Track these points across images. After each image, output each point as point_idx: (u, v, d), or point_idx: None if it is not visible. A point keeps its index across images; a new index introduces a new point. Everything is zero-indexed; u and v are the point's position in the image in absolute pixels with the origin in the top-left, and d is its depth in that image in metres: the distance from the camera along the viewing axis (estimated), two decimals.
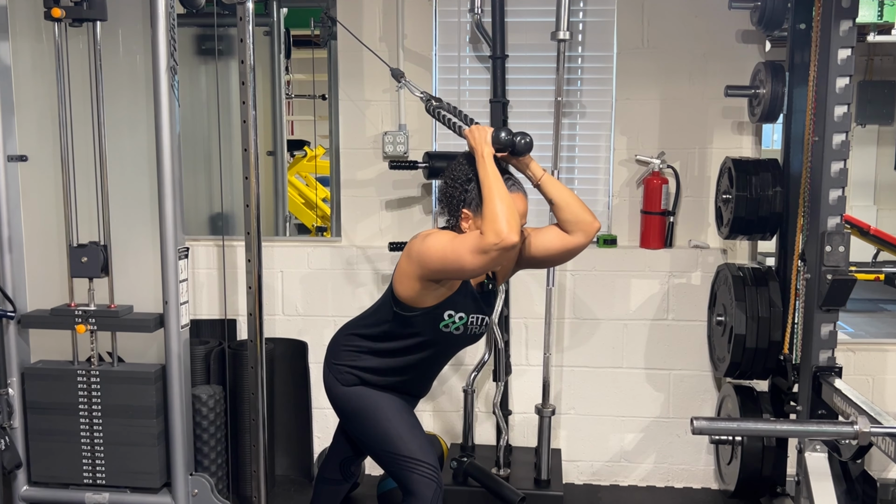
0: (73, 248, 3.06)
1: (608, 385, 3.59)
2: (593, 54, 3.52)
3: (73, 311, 3.05)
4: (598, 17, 3.49)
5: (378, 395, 2.50)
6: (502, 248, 2.15)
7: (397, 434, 2.44)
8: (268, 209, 4.41)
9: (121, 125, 3.20)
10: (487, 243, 2.15)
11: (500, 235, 2.13)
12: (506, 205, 2.19)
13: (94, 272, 3.06)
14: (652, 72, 3.47)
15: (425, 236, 2.34)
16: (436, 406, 3.66)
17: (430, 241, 2.30)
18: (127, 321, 3.07)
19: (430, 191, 3.58)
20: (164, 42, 2.89)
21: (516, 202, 2.30)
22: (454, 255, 2.22)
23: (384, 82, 3.52)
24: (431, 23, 3.51)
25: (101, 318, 3.06)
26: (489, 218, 2.17)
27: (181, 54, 4.11)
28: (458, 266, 2.23)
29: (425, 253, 2.28)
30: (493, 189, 2.21)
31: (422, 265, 2.29)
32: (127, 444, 3.08)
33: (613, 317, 3.55)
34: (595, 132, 3.56)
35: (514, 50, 3.49)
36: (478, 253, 2.17)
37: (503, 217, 2.16)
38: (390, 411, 2.48)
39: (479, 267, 2.21)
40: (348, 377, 2.51)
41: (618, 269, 3.53)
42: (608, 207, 3.58)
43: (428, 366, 2.54)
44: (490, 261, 2.19)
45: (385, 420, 2.46)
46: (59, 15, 2.90)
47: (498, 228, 2.14)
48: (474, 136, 2.34)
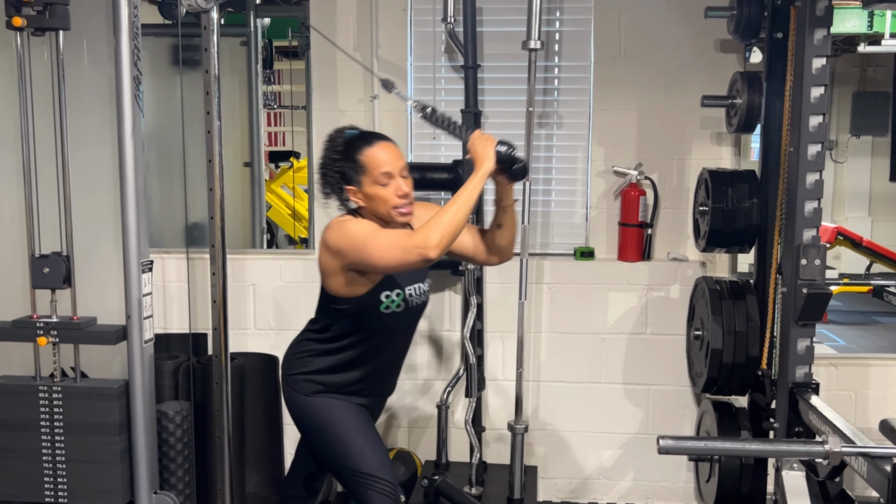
0: (35, 259, 3.00)
1: (586, 400, 3.52)
2: (570, 64, 3.47)
3: (35, 322, 2.99)
4: (575, 26, 3.44)
5: (338, 408, 2.41)
6: (421, 255, 2.12)
7: (357, 450, 2.37)
8: (245, 221, 4.36)
9: (86, 135, 3.15)
10: (414, 242, 2.12)
11: (429, 244, 2.10)
12: (457, 226, 2.15)
13: (56, 283, 2.99)
14: (629, 81, 3.42)
15: (340, 224, 2.29)
16: (411, 422, 3.59)
17: (346, 231, 2.25)
18: (89, 333, 3.00)
19: None
20: (126, 51, 2.83)
21: None
22: (368, 247, 2.19)
23: (358, 92, 3.47)
24: (406, 32, 3.46)
25: (63, 329, 2.99)
26: (435, 224, 2.13)
27: (156, 64, 4.08)
28: (369, 260, 2.20)
29: (341, 244, 2.24)
30: (463, 207, 2.17)
31: (340, 256, 2.25)
32: (89, 462, 3.01)
33: (591, 331, 3.48)
34: (572, 143, 3.51)
35: (490, 59, 3.44)
36: (398, 249, 2.14)
37: (446, 233, 2.12)
38: (350, 425, 2.40)
39: (393, 264, 2.18)
40: (306, 385, 2.43)
41: (595, 281, 3.46)
42: (585, 219, 3.52)
43: (383, 354, 2.44)
44: (405, 262, 2.15)
45: (344, 434, 2.39)
46: (21, 24, 2.85)
47: (433, 237, 2.11)
48: (477, 146, 2.25)
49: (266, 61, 4.78)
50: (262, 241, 4.42)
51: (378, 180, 2.28)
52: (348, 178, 2.31)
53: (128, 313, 2.93)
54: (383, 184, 2.28)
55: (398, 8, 3.44)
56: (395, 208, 2.29)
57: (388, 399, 3.49)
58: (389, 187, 2.28)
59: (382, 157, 2.29)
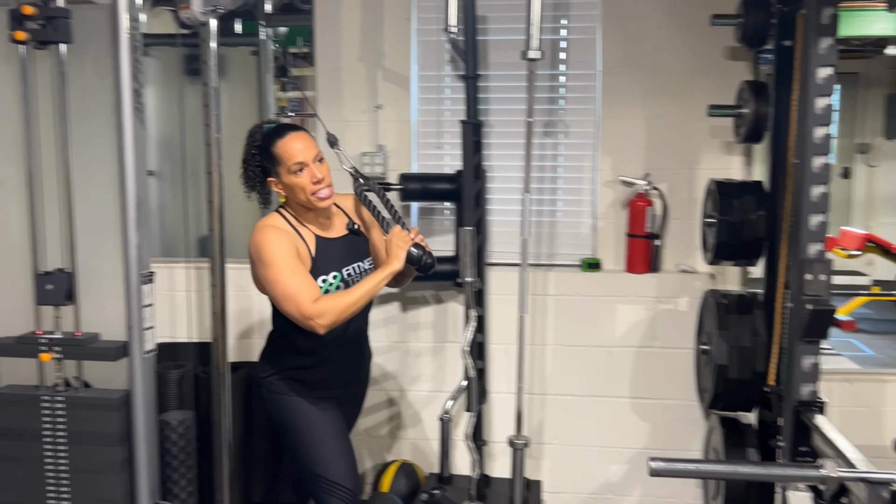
0: (39, 276, 3.04)
1: (592, 414, 3.46)
2: (577, 72, 3.41)
3: (38, 339, 3.02)
4: (581, 34, 3.39)
5: (309, 411, 2.49)
6: (311, 328, 2.31)
7: (321, 454, 2.46)
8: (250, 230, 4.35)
9: (90, 148, 3.17)
10: (311, 312, 2.29)
11: (321, 322, 2.29)
12: (353, 313, 2.35)
13: (59, 300, 3.03)
14: (637, 90, 3.35)
15: (258, 237, 2.42)
16: (416, 433, 3.56)
17: (263, 252, 2.38)
18: (91, 350, 3.03)
19: (408, 212, 3.49)
20: (126, 64, 2.83)
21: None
22: (274, 284, 2.35)
23: (362, 103, 3.46)
24: (410, 42, 3.43)
25: (66, 346, 3.02)
26: (334, 307, 2.31)
27: (170, 74, 4.11)
28: (269, 291, 2.39)
29: (254, 256, 2.42)
30: (362, 298, 2.36)
31: (254, 268, 2.44)
32: (92, 472, 3.04)
33: (597, 343, 3.43)
34: (579, 152, 3.45)
35: (495, 69, 3.41)
36: (295, 309, 2.31)
37: (341, 316, 2.32)
38: (319, 429, 2.48)
39: (286, 313, 2.36)
40: (278, 384, 2.52)
41: (602, 293, 3.40)
42: (593, 230, 3.46)
43: (341, 337, 2.49)
44: (295, 320, 2.34)
45: (311, 437, 2.48)
46: (24, 37, 2.88)
47: (327, 318, 2.29)
48: (391, 245, 2.42)
49: (282, 69, 4.79)
50: None
51: (292, 170, 2.40)
52: (267, 171, 2.47)
53: (129, 324, 2.95)
54: (297, 172, 2.40)
55: (402, 17, 3.42)
56: (313, 194, 2.41)
57: (392, 410, 3.51)
58: (304, 175, 2.40)
59: (294, 147, 2.41)
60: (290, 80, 5.10)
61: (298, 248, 2.42)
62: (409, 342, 3.52)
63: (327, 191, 2.43)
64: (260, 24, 4.23)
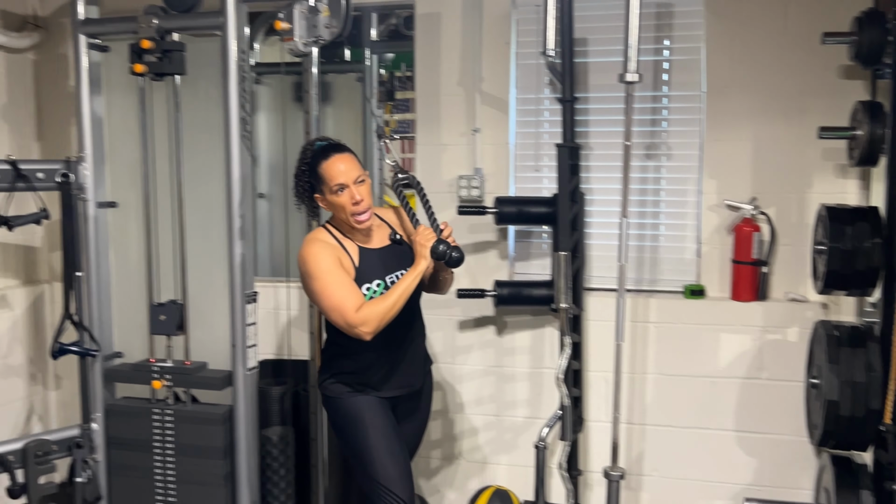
0: (154, 307, 3.21)
1: (695, 447, 3.33)
2: (680, 94, 3.33)
3: (151, 366, 3.20)
4: (685, 54, 3.30)
5: (366, 409, 2.60)
6: (357, 335, 2.47)
7: (377, 457, 2.55)
8: None
9: (201, 174, 3.31)
10: (356, 320, 2.45)
11: (366, 329, 2.45)
12: (393, 315, 2.49)
13: (171, 330, 3.19)
14: (744, 111, 3.23)
15: (306, 250, 2.58)
16: (511, 459, 3.53)
17: (309, 265, 2.54)
18: (198, 379, 3.17)
19: (506, 235, 3.49)
20: (234, 94, 2.98)
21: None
22: (320, 295, 2.52)
23: (461, 126, 3.48)
24: (509, 65, 3.44)
25: (176, 374, 3.18)
26: (376, 312, 2.47)
27: (281, 101, 4.27)
28: (316, 302, 2.56)
29: (301, 268, 2.57)
30: (400, 295, 2.51)
31: (302, 281, 2.60)
32: (197, 483, 3.17)
33: (701, 373, 3.30)
34: (682, 175, 3.36)
35: (595, 90, 3.37)
36: (341, 318, 2.47)
37: (384, 319, 2.47)
38: (374, 430, 2.58)
39: (332, 322, 2.53)
40: (332, 387, 2.66)
41: (705, 322, 3.28)
42: (697, 255, 3.35)
43: (392, 342, 2.61)
44: (343, 329, 2.49)
45: (367, 439, 2.58)
46: (142, 70, 3.07)
47: (371, 323, 2.45)
48: (416, 244, 2.58)
49: (389, 93, 4.90)
50: None
51: (333, 190, 2.56)
52: (314, 188, 2.63)
53: (232, 342, 3.07)
54: (338, 192, 2.56)
55: (501, 42, 3.42)
56: (352, 215, 2.57)
57: (488, 434, 3.49)
58: (344, 195, 2.56)
59: (337, 168, 2.57)
60: (393, 103, 5.21)
61: (342, 259, 2.57)
62: (505, 367, 3.50)
63: (366, 215, 2.58)
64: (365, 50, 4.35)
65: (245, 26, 3.00)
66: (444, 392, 3.56)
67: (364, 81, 4.33)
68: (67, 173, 3.10)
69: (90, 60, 3.17)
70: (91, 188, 3.18)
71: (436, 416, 3.56)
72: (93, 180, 3.18)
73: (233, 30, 2.93)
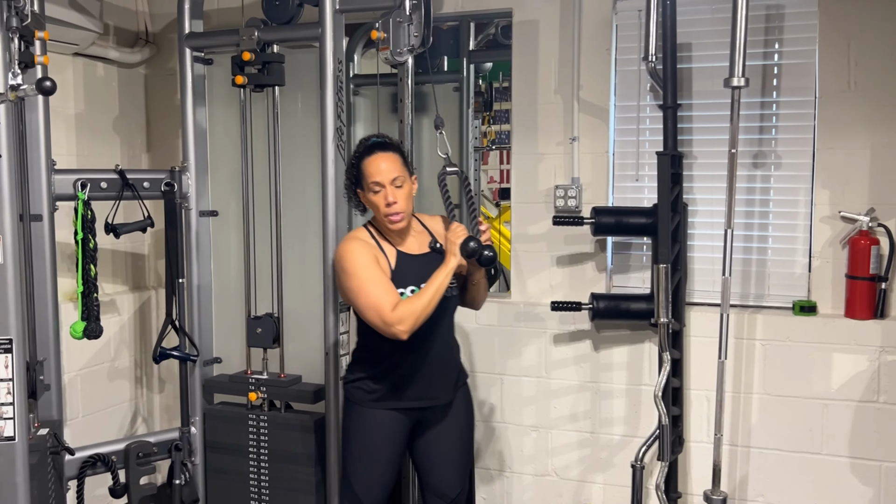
0: (251, 320, 3.27)
1: (804, 472, 3.14)
2: (791, 100, 3.16)
3: (248, 378, 3.26)
4: (797, 58, 3.13)
5: (372, 428, 2.64)
6: (393, 334, 2.45)
7: (363, 475, 2.64)
8: None
9: (299, 185, 3.36)
10: (392, 319, 2.44)
11: (402, 327, 2.43)
12: (429, 313, 2.47)
13: (267, 343, 3.24)
14: (860, 117, 3.04)
15: (344, 247, 2.59)
16: (607, 478, 3.41)
17: (345, 263, 2.54)
18: (292, 391, 3.21)
19: (604, 247, 3.39)
20: (330, 104, 3.01)
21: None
22: (356, 293, 2.51)
23: (558, 135, 3.41)
24: (609, 72, 3.35)
25: (271, 386, 3.23)
26: (412, 310, 2.45)
27: (378, 113, 4.29)
28: (352, 301, 2.55)
29: (336, 267, 2.61)
30: (434, 292, 2.48)
31: (338, 279, 2.63)
32: (289, 489, 3.20)
33: (811, 395, 3.11)
34: (793, 185, 3.18)
35: (698, 97, 3.24)
36: (378, 317, 2.46)
37: (420, 317, 2.45)
38: (366, 448, 2.64)
39: (368, 322, 2.51)
40: (353, 391, 2.69)
41: (817, 340, 3.09)
42: (807, 269, 3.16)
43: (419, 352, 2.60)
44: (378, 329, 2.48)
45: (355, 452, 2.66)
46: (242, 82, 3.13)
47: (407, 322, 2.44)
48: (448, 241, 2.55)
49: (487, 104, 4.86)
50: None
51: (370, 188, 2.57)
52: (357, 183, 2.64)
53: (325, 350, 3.09)
54: (375, 192, 2.57)
55: (601, 48, 3.34)
56: (385, 216, 2.56)
57: (583, 451, 3.39)
58: (380, 196, 2.56)
59: (375, 167, 2.56)
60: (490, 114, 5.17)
61: (379, 259, 2.57)
62: (601, 382, 3.39)
63: (398, 216, 2.56)
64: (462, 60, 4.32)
65: (342, 37, 3.02)
66: (537, 406, 3.48)
67: (461, 91, 4.31)
68: (172, 182, 3.19)
69: (194, 73, 3.27)
70: (193, 197, 3.26)
71: (528, 430, 3.49)
72: (195, 189, 3.27)
73: (329, 40, 2.96)
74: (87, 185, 2.95)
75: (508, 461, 3.54)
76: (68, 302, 3.27)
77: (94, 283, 2.96)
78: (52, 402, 2.89)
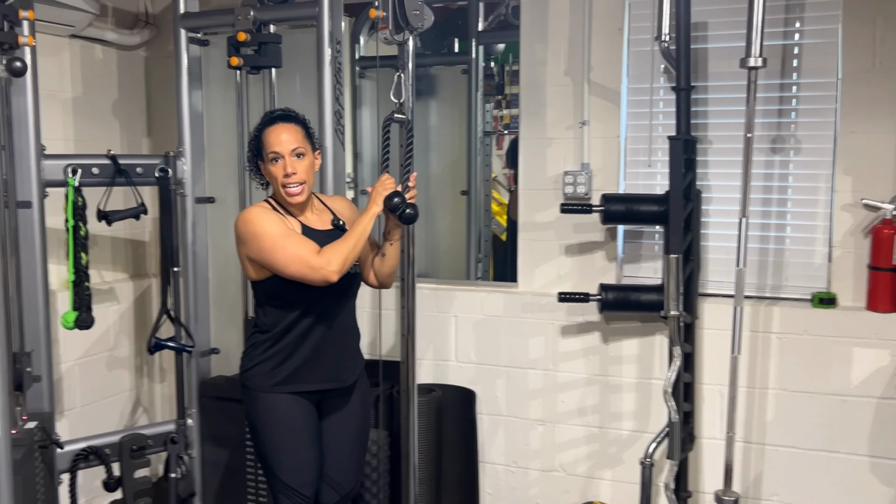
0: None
1: (821, 471, 3.01)
2: (811, 81, 3.00)
3: None
4: (819, 37, 2.97)
5: (282, 413, 2.51)
6: (324, 277, 2.35)
7: (287, 461, 2.50)
8: (460, 250, 4.31)
9: None
10: (319, 262, 2.35)
11: (331, 268, 2.35)
12: (355, 256, 2.42)
13: None
14: (885, 99, 2.88)
15: (249, 215, 2.47)
16: (616, 475, 3.30)
17: (255, 227, 2.43)
18: None
19: (614, 235, 3.26)
20: (328, 88, 2.90)
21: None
22: (276, 251, 2.39)
23: (567, 119, 3.28)
24: (621, 53, 3.20)
25: None
26: (337, 252, 2.38)
27: (378, 95, 4.18)
28: (272, 262, 2.40)
29: (245, 235, 2.45)
30: (358, 237, 2.44)
31: (243, 245, 2.47)
32: None
33: (829, 391, 2.98)
34: (812, 171, 3.03)
35: (714, 79, 3.10)
36: (304, 265, 2.36)
37: (346, 258, 2.39)
38: (288, 434, 2.51)
39: (297, 275, 2.38)
40: (256, 379, 2.53)
41: (836, 333, 2.96)
42: (827, 259, 3.02)
43: (320, 327, 2.52)
44: (307, 278, 2.37)
45: (275, 435, 2.51)
46: (238, 63, 3.02)
47: (335, 263, 2.36)
48: (374, 190, 2.54)
49: (499, 87, 4.73)
50: (476, 271, 4.33)
51: (269, 158, 2.49)
52: (258, 155, 2.54)
53: None
54: (273, 162, 2.48)
55: (613, 28, 3.20)
56: (283, 186, 2.47)
57: (591, 447, 3.28)
58: (278, 166, 2.47)
59: (275, 137, 2.48)
60: (502, 97, 5.04)
61: (286, 221, 2.49)
62: (611, 376, 3.27)
63: (298, 188, 2.47)
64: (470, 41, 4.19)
65: (340, 16, 2.91)
66: (544, 400, 3.37)
67: (469, 74, 4.18)
68: (166, 168, 3.10)
69: (190, 55, 3.17)
70: (189, 183, 3.17)
71: (534, 424, 3.38)
72: (191, 175, 3.18)
73: (326, 19, 2.84)
74: (77, 171, 2.87)
75: (514, 456, 3.44)
76: (64, 290, 3.19)
77: (86, 271, 2.88)
78: (42, 394, 2.81)
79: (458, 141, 4.17)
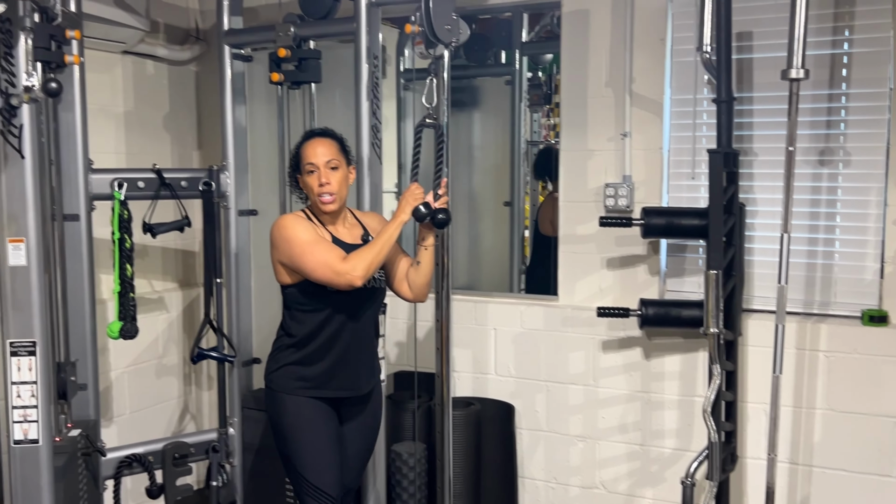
0: None
1: (871, 496, 2.90)
2: (862, 91, 2.91)
3: None
4: (869, 46, 2.88)
5: (306, 414, 2.56)
6: (349, 282, 2.43)
7: (312, 461, 2.54)
8: (503, 262, 4.29)
9: None
10: (344, 267, 2.44)
11: (356, 273, 2.43)
12: (380, 262, 2.50)
13: None
14: None
15: (283, 222, 2.57)
16: (657, 494, 3.24)
17: (288, 233, 2.52)
18: None
19: (657, 249, 3.20)
20: (365, 103, 2.92)
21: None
22: (305, 256, 2.48)
23: (609, 131, 3.23)
24: (663, 64, 3.15)
25: None
26: (362, 257, 2.46)
27: (414, 107, 4.19)
28: (301, 266, 2.49)
29: (278, 241, 2.54)
30: (383, 244, 2.51)
31: (275, 250, 2.56)
32: None
33: (881, 412, 2.87)
34: (862, 184, 2.93)
35: (759, 90, 3.02)
36: (330, 270, 2.45)
37: (370, 264, 2.46)
38: (313, 436, 2.56)
39: (323, 280, 2.47)
40: (278, 380, 2.61)
41: (888, 353, 2.85)
42: (879, 276, 2.91)
43: (344, 335, 2.58)
44: (333, 282, 2.46)
45: (301, 437, 2.56)
46: (279, 79, 3.07)
47: (360, 268, 2.44)
48: (402, 198, 2.61)
49: (547, 96, 4.71)
50: (520, 282, 4.31)
51: (306, 170, 2.59)
52: (297, 169, 2.65)
53: None
54: (309, 173, 2.58)
55: (655, 38, 3.15)
56: (318, 196, 2.57)
57: (632, 464, 3.23)
58: (313, 177, 2.57)
59: (310, 150, 2.60)
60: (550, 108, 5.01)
61: (317, 230, 2.58)
62: (653, 392, 3.21)
63: (329, 197, 2.57)
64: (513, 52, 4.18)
65: (377, 31, 2.93)
66: (584, 416, 3.32)
67: (513, 84, 4.17)
68: (210, 181, 3.16)
69: (233, 70, 3.22)
70: (233, 196, 3.23)
71: (575, 440, 3.34)
72: (234, 188, 3.23)
73: (364, 34, 2.87)
74: (123, 185, 2.94)
75: (554, 472, 3.40)
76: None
77: (131, 282, 2.95)
78: (88, 402, 2.89)
79: (501, 152, 4.16)
